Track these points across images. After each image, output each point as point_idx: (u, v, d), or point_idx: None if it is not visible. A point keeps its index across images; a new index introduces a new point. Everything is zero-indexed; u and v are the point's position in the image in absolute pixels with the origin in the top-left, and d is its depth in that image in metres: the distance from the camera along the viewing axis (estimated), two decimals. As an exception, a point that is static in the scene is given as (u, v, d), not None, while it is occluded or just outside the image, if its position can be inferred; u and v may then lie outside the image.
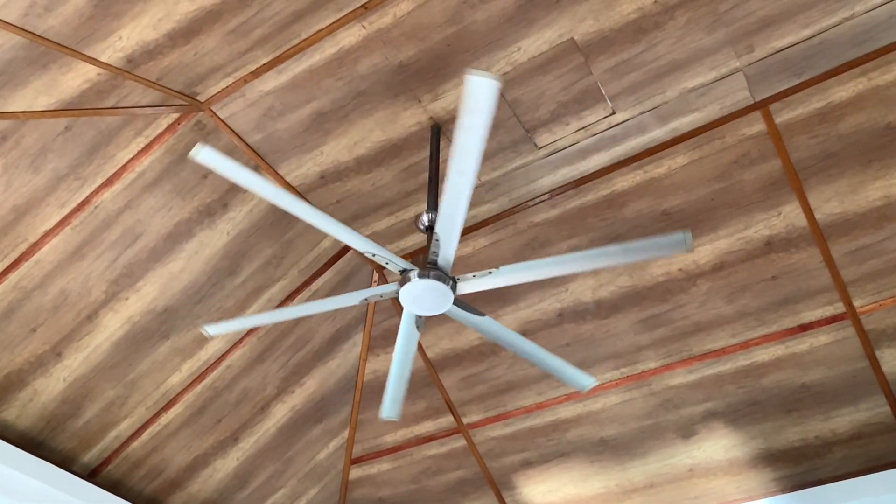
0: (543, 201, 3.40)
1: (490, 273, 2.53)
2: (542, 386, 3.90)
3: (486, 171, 3.26)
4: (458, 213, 2.30)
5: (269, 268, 3.55)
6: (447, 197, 2.24)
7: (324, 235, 3.58)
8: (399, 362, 2.93)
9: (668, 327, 3.58)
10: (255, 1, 2.62)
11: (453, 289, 2.55)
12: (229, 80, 2.91)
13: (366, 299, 2.69)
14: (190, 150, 3.07)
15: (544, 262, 2.47)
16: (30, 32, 2.53)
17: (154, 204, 3.13)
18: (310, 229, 3.52)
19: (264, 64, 2.86)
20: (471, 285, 2.57)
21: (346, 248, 3.68)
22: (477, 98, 1.91)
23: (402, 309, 3.93)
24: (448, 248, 2.45)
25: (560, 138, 3.14)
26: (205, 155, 2.17)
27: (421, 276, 2.51)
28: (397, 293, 2.59)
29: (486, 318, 2.71)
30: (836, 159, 3.07)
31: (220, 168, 2.23)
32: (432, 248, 2.47)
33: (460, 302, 2.68)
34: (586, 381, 2.92)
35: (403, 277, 2.55)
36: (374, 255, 2.53)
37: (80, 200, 3.00)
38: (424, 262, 2.53)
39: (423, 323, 2.79)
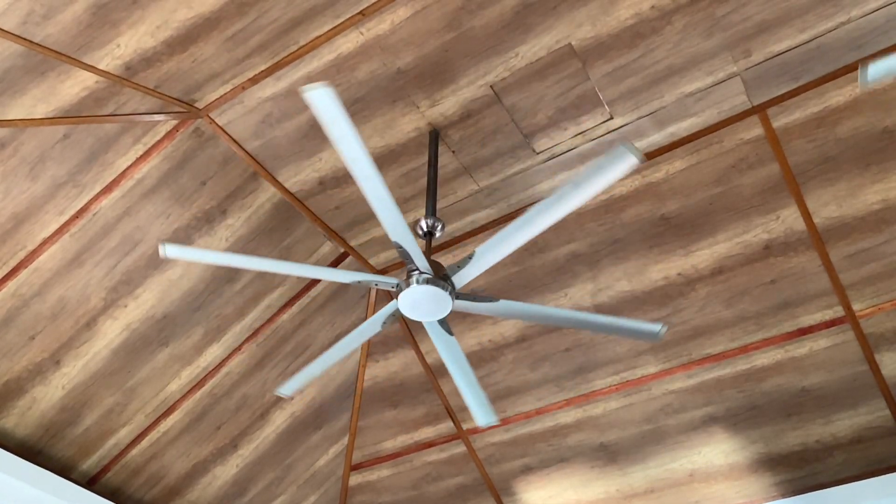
0: (542, 206, 3.40)
1: (470, 257, 2.48)
2: (542, 391, 3.90)
3: (484, 176, 3.27)
4: (393, 216, 2.31)
5: (267, 274, 3.54)
6: (374, 206, 2.28)
7: (322, 241, 3.58)
8: (456, 369, 2.89)
9: (668, 332, 3.58)
10: (253, 8, 2.63)
11: (449, 286, 2.53)
12: (227, 87, 2.91)
13: (384, 324, 2.70)
14: (188, 157, 3.08)
15: (516, 223, 2.37)
16: (28, 40, 2.53)
17: (153, 211, 3.13)
18: (308, 236, 3.53)
19: (262, 71, 2.86)
20: (462, 275, 2.53)
21: (345, 255, 3.68)
22: (324, 110, 1.95)
23: (402, 316, 3.93)
24: (413, 251, 2.45)
25: (558, 143, 3.14)
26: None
27: (407, 285, 2.51)
28: (394, 288, 2.58)
29: (502, 301, 2.66)
30: (835, 163, 3.08)
31: (190, 257, 2.28)
32: (404, 259, 2.46)
33: (466, 295, 2.65)
34: (654, 327, 2.70)
35: (398, 290, 2.55)
36: (360, 283, 2.55)
37: (78, 208, 2.99)
38: (408, 272, 2.52)
39: (448, 326, 2.77)
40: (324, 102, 1.95)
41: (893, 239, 3.17)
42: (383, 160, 3.19)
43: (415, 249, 2.44)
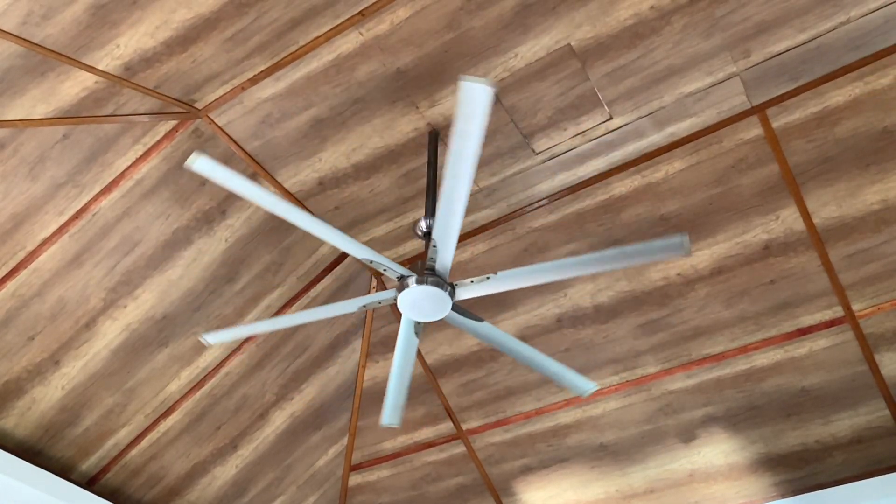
0: (542, 207, 3.40)
1: (488, 278, 2.53)
2: (542, 391, 3.90)
3: (484, 176, 3.27)
4: (454, 219, 2.30)
5: (267, 275, 3.54)
6: (443, 203, 2.24)
7: (322, 242, 3.58)
8: (399, 368, 2.93)
9: (667, 332, 3.58)
10: (253, 9, 2.63)
11: (451, 294, 2.55)
12: (227, 88, 2.91)
13: (364, 306, 2.69)
14: (188, 157, 3.08)
15: (542, 266, 2.47)
16: (27, 41, 2.53)
17: (152, 211, 3.13)
18: (308, 236, 3.52)
19: (262, 71, 2.86)
20: (469, 291, 2.57)
21: (345, 255, 3.68)
22: (471, 104, 1.92)
23: (401, 315, 3.93)
24: (445, 253, 2.45)
25: (558, 144, 3.14)
26: (201, 164, 2.17)
27: (419, 282, 2.51)
28: (395, 299, 2.59)
29: (485, 323, 2.71)
30: (834, 163, 3.08)
31: (217, 177, 2.23)
32: (430, 255, 2.47)
33: (459, 308, 2.68)
34: (586, 385, 2.91)
35: (401, 284, 2.55)
36: (371, 262, 2.53)
37: (78, 208, 2.99)
38: (422, 268, 2.53)
39: (421, 329, 2.79)
40: (478, 99, 1.91)
41: (893, 239, 3.17)
42: (383, 160, 3.20)
43: (384, 260, 2.48)
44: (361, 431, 4.31)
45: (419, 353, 3.98)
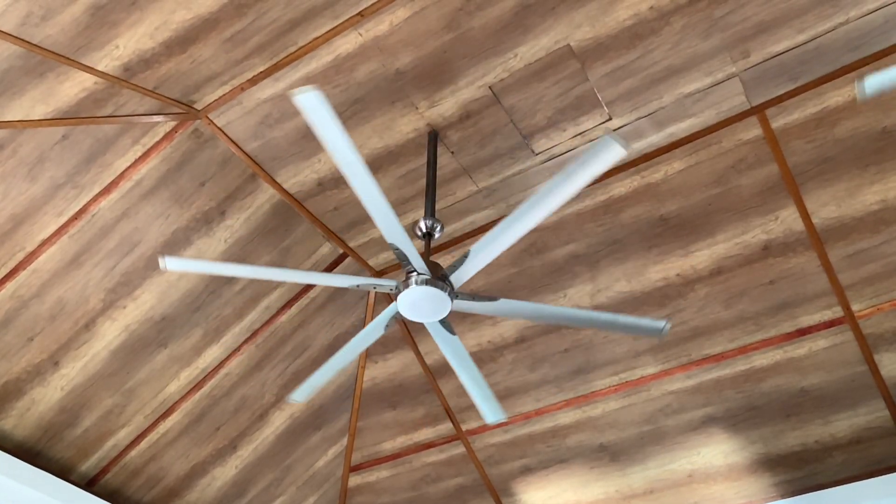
0: (541, 207, 3.40)
1: (466, 255, 2.47)
2: (541, 392, 3.90)
3: (483, 177, 3.27)
4: (388, 219, 2.31)
5: (266, 275, 3.54)
6: (368, 209, 2.28)
7: (321, 242, 3.58)
8: (461, 369, 2.90)
9: (668, 332, 3.58)
10: (252, 9, 2.63)
11: (448, 287, 2.53)
12: (226, 88, 2.91)
13: (387, 326, 2.70)
14: (187, 158, 3.08)
15: (509, 219, 2.37)
16: (27, 42, 2.53)
17: (151, 212, 3.13)
18: (307, 237, 3.52)
19: (261, 72, 2.86)
20: (459, 273, 2.53)
21: (344, 255, 3.68)
22: (312, 114, 1.95)
23: (401, 317, 3.93)
24: (410, 252, 2.45)
25: (557, 144, 3.14)
26: (171, 264, 2.25)
27: (405, 286, 2.51)
28: (393, 290, 2.58)
29: (502, 300, 2.65)
30: (833, 164, 3.08)
31: (191, 269, 2.31)
32: (400, 260, 2.46)
33: (465, 294, 2.65)
34: (658, 324, 2.69)
35: (397, 292, 2.55)
36: (359, 287, 2.54)
37: (77, 209, 2.99)
38: (434, 267, 2.52)
39: (450, 326, 2.77)
40: (314, 106, 1.94)
41: (892, 239, 3.17)
42: (382, 161, 3.19)
43: (411, 251, 2.44)
44: (361, 432, 4.31)
45: (419, 353, 3.99)
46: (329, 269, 3.72)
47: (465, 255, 2.46)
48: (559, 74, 2.89)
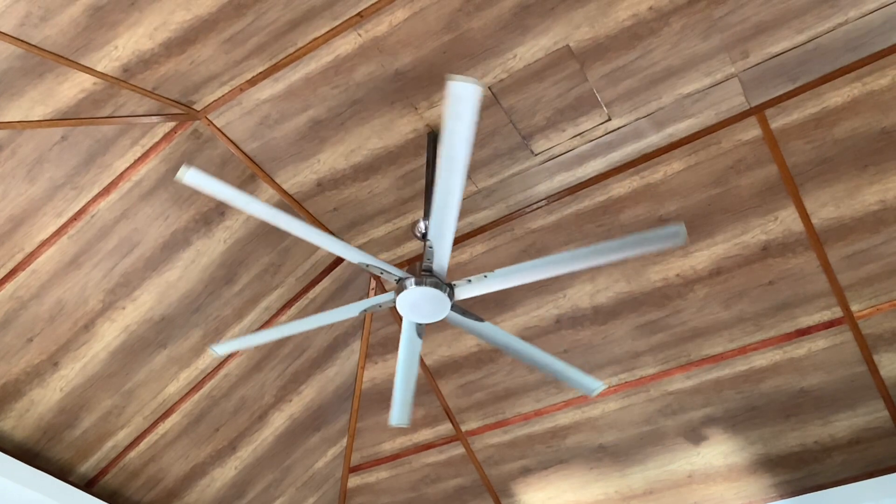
0: (540, 208, 3.40)
1: (485, 276, 2.52)
2: (541, 393, 3.90)
3: (482, 177, 3.27)
4: (448, 220, 2.30)
5: (266, 276, 3.54)
6: (437, 204, 2.24)
7: (321, 243, 3.58)
8: (403, 370, 2.93)
9: (666, 333, 3.58)
10: (251, 10, 2.62)
11: (450, 295, 2.55)
12: (225, 89, 2.91)
13: (365, 311, 2.69)
14: (186, 159, 3.07)
15: (539, 262, 2.46)
16: (25, 42, 2.53)
17: (151, 213, 3.13)
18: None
19: (260, 72, 2.86)
20: (467, 290, 2.57)
21: (344, 256, 3.68)
22: (460, 103, 1.91)
23: (400, 317, 3.93)
24: (441, 254, 2.45)
25: (556, 145, 3.14)
26: (191, 176, 2.18)
27: (417, 283, 2.51)
28: (398, 280, 2.59)
29: (487, 323, 2.71)
30: (832, 164, 3.08)
31: (208, 188, 2.24)
32: (426, 256, 2.47)
33: (459, 308, 2.68)
34: (593, 384, 2.89)
35: (399, 286, 2.55)
36: (367, 266, 2.53)
37: (76, 210, 2.99)
38: (419, 270, 2.54)
39: (423, 330, 2.80)
40: (467, 98, 1.89)
41: (891, 239, 3.17)
42: (381, 161, 3.19)
43: (381, 263, 2.49)
44: (360, 433, 4.30)
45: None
46: (328, 269, 3.72)
47: (486, 276, 2.50)
48: (558, 75, 2.89)
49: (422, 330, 2.78)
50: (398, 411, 3.13)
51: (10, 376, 3.16)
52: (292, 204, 3.35)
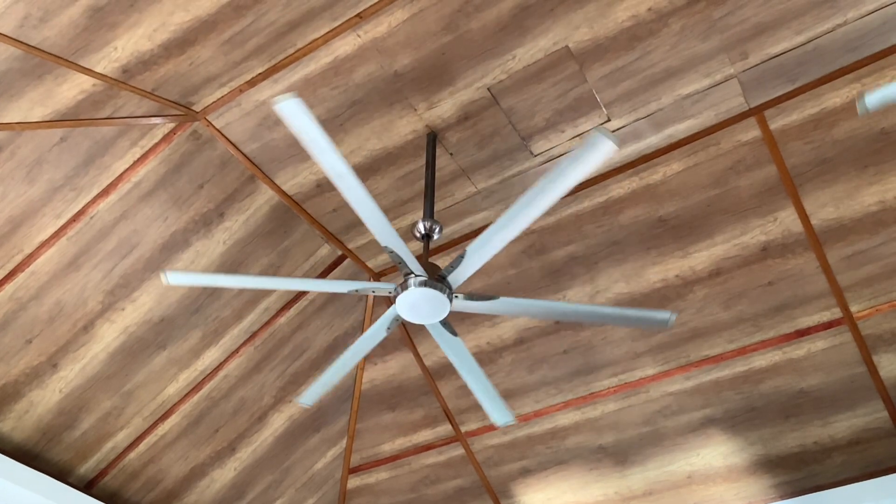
0: (540, 209, 3.40)
1: (462, 256, 2.48)
2: (540, 394, 3.90)
3: (482, 178, 3.27)
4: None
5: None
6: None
7: (320, 244, 3.58)
8: (465, 372, 2.89)
9: (666, 334, 3.58)
10: (250, 11, 2.62)
11: (446, 288, 2.53)
12: (225, 90, 2.91)
13: (357, 290, 2.65)
14: (186, 160, 3.07)
15: (504, 217, 2.37)
16: (25, 44, 2.53)
17: (150, 214, 3.13)
18: (306, 238, 3.52)
19: (260, 73, 2.86)
20: (457, 274, 2.54)
21: (343, 257, 3.67)
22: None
23: (401, 320, 3.92)
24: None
25: (556, 146, 3.14)
26: (173, 278, 2.22)
27: (403, 288, 2.51)
28: (392, 292, 2.58)
29: (502, 298, 2.65)
30: (832, 165, 3.08)
31: (193, 282, 2.28)
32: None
33: (465, 294, 2.65)
34: (664, 315, 2.67)
35: (395, 295, 2.55)
36: (357, 291, 2.55)
37: (75, 211, 2.99)
38: (432, 268, 2.53)
39: (452, 327, 2.77)
40: (294, 113, 1.94)
41: (890, 240, 3.17)
42: (381, 162, 3.19)
43: (406, 253, 2.45)
44: (360, 434, 4.30)
45: (418, 354, 3.98)
46: (328, 270, 3.72)
47: (462, 256, 2.46)
48: (558, 76, 2.89)
49: (451, 329, 2.75)
50: (494, 410, 3.07)
51: (9, 377, 3.16)
52: (292, 205, 3.35)
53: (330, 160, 2.11)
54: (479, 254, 2.44)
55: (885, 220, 3.13)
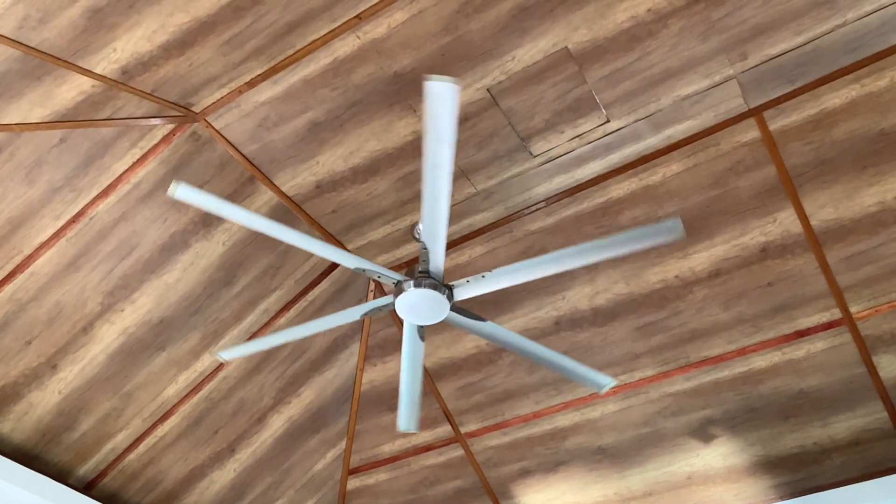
0: (539, 209, 3.40)
1: (483, 276, 2.52)
2: (540, 395, 3.90)
3: (481, 179, 3.27)
4: (439, 221, 2.30)
5: (264, 278, 3.54)
6: (426, 206, 2.24)
7: (320, 245, 3.58)
8: (408, 374, 2.91)
9: (665, 335, 3.58)
10: (250, 12, 2.63)
11: (449, 296, 2.55)
12: (224, 91, 2.91)
13: (365, 314, 2.69)
14: (185, 161, 3.07)
15: (537, 260, 2.45)
16: (24, 45, 2.53)
17: (149, 215, 3.12)
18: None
19: (259, 74, 2.86)
20: (465, 291, 2.57)
21: (343, 258, 3.67)
22: (439, 102, 1.88)
23: (399, 319, 3.92)
24: (437, 256, 2.45)
25: (555, 146, 3.14)
26: (182, 192, 2.20)
27: (416, 285, 2.51)
28: (395, 283, 2.58)
29: (489, 323, 2.70)
30: (831, 165, 3.08)
31: (199, 202, 2.25)
32: (421, 258, 2.47)
33: (459, 309, 2.68)
34: (603, 380, 2.84)
35: (398, 288, 2.55)
36: (364, 271, 2.54)
37: (75, 212, 2.99)
38: (415, 272, 2.54)
39: (424, 333, 2.79)
40: (448, 97, 1.87)
41: (890, 241, 3.17)
42: (380, 163, 3.19)
43: (377, 267, 2.48)
44: (359, 435, 4.30)
45: (417, 356, 3.98)
46: (327, 272, 3.72)
47: (484, 276, 2.48)
48: (557, 77, 2.90)
49: (423, 333, 2.78)
50: (405, 416, 3.10)
51: (8, 379, 3.16)
52: (291, 206, 3.35)
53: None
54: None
55: (885, 221, 3.13)
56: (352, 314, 2.68)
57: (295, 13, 2.65)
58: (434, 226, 2.32)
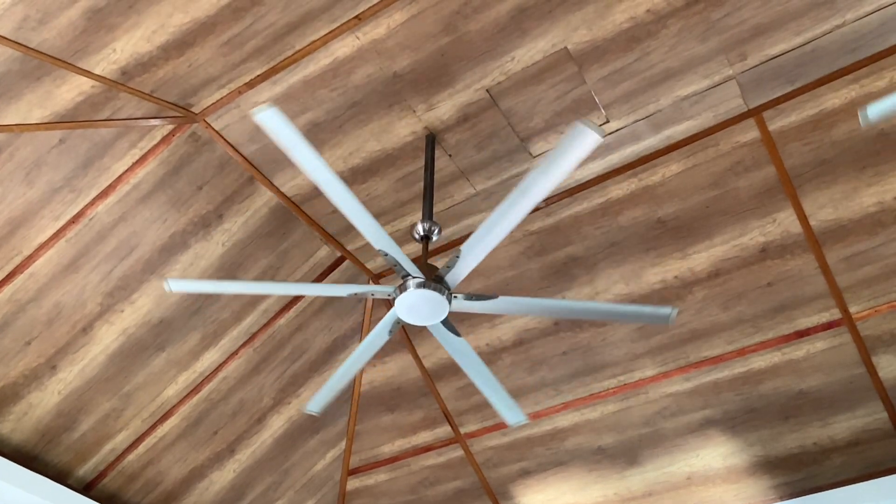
0: (539, 209, 3.40)
1: (491, 298, 2.54)
2: (540, 395, 3.90)
3: (481, 179, 3.27)
4: (492, 241, 2.33)
5: (264, 279, 3.54)
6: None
7: (319, 245, 3.58)
8: (472, 372, 2.88)
9: (665, 335, 3.58)
10: (249, 13, 2.63)
11: (447, 295, 2.54)
12: (224, 92, 2.91)
13: (356, 294, 2.65)
14: (185, 161, 3.07)
15: (543, 302, 2.55)
16: (23, 46, 2.53)
17: (149, 216, 3.13)
18: (305, 240, 3.52)
19: (258, 75, 2.86)
20: (453, 276, 2.55)
21: (342, 259, 3.67)
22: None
23: (402, 322, 3.92)
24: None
25: (555, 147, 3.14)
26: (175, 284, 2.22)
27: (420, 285, 2.51)
28: (390, 295, 2.58)
29: (501, 298, 2.65)
30: (830, 166, 3.08)
31: (193, 288, 2.27)
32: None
33: (464, 295, 2.65)
34: (665, 311, 2.63)
35: (402, 286, 2.55)
36: (356, 295, 2.55)
37: (74, 213, 2.99)
38: (430, 269, 2.53)
39: (454, 328, 2.77)
40: (274, 123, 1.95)
41: (890, 241, 3.17)
42: (380, 164, 3.19)
43: (400, 255, 2.46)
44: (359, 435, 4.30)
45: (417, 356, 3.98)
46: (327, 272, 3.72)
47: (457, 255, 2.46)
48: (556, 77, 2.90)
49: (453, 328, 2.74)
50: (505, 410, 3.05)
51: (7, 379, 3.16)
52: (291, 207, 3.35)
53: (314, 168, 2.13)
54: (474, 252, 2.44)
55: (884, 221, 3.13)
56: (343, 289, 2.63)
57: (294, 14, 2.65)
58: (484, 241, 2.34)
